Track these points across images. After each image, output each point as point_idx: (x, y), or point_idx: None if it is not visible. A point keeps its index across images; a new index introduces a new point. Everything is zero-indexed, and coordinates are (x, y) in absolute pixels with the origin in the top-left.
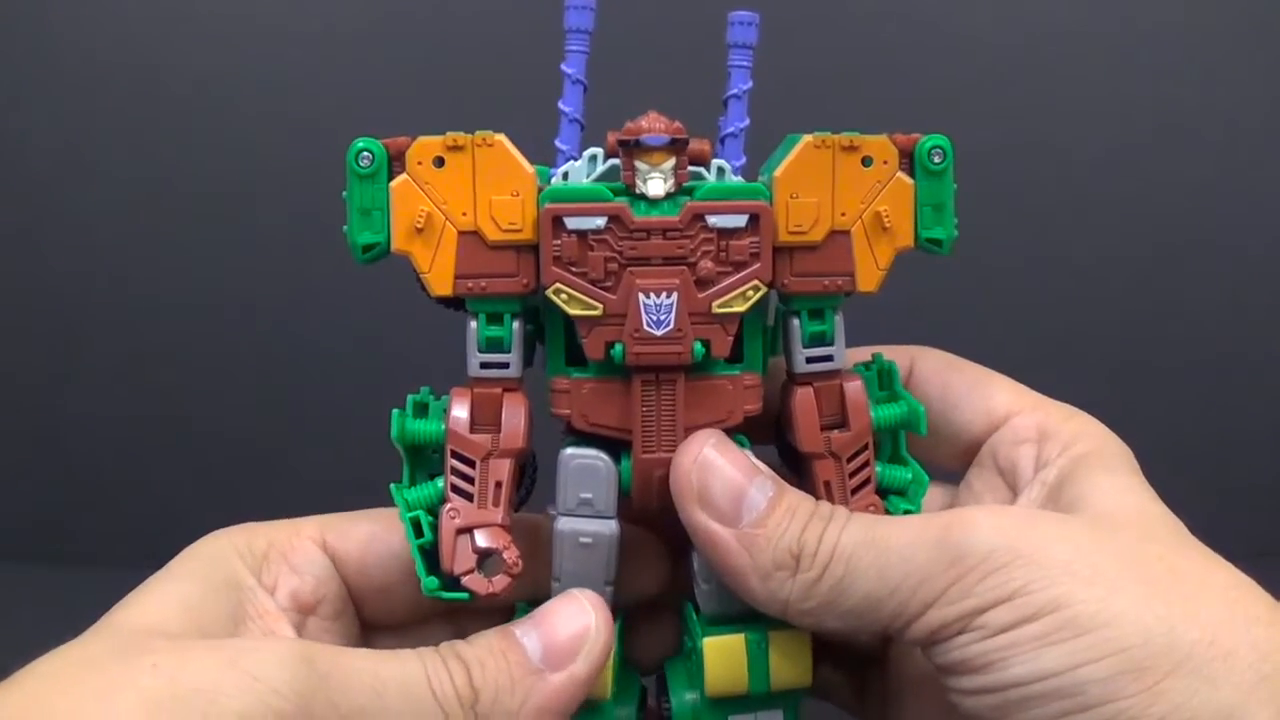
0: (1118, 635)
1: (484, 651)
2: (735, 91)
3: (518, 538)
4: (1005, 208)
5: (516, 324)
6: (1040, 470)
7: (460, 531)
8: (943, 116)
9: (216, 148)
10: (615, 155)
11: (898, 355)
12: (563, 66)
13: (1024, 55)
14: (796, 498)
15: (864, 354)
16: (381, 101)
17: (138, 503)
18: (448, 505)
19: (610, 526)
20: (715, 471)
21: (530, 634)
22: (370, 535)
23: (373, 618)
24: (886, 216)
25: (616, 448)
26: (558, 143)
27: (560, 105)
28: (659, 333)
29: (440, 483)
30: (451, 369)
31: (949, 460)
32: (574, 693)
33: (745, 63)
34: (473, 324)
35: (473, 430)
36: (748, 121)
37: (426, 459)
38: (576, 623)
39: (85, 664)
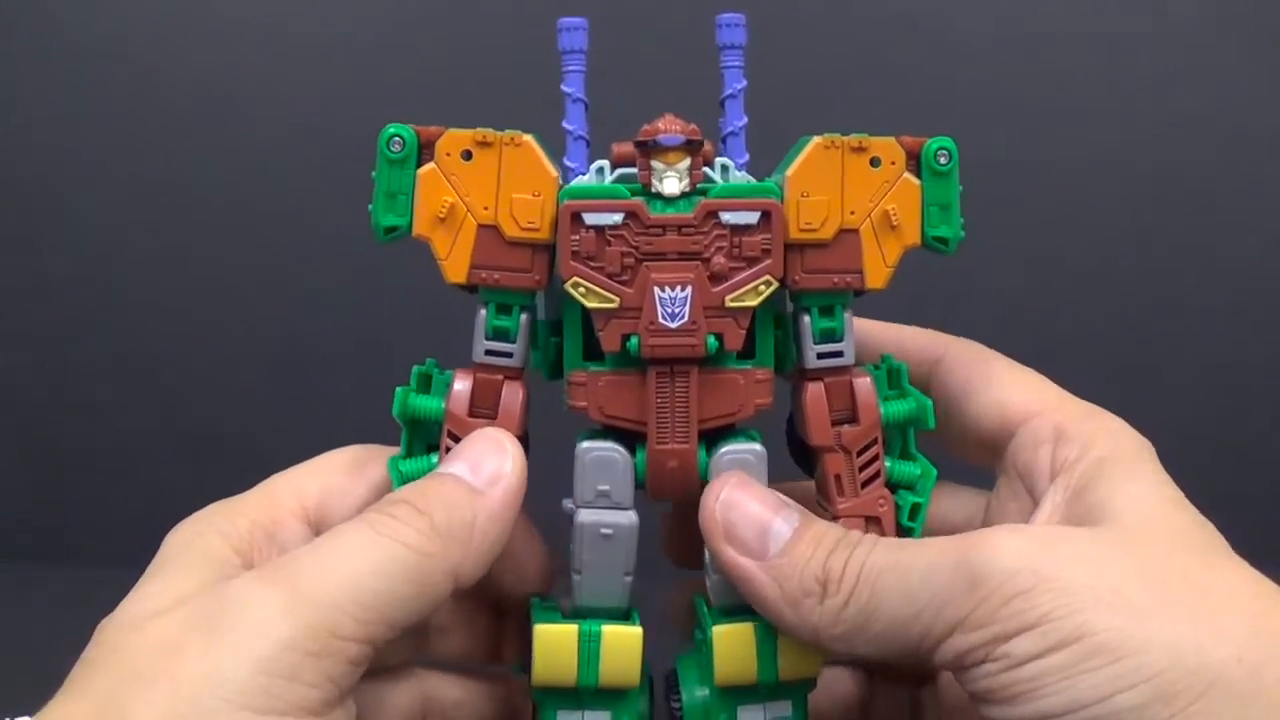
0: (1147, 662)
1: (420, 487)
2: (731, 91)
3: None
4: (1007, 207)
5: (524, 316)
6: (1058, 475)
7: None
8: (943, 116)
9: (217, 148)
10: (621, 165)
11: (932, 341)
12: (563, 87)
13: (1023, 55)
14: (823, 527)
15: (902, 334)
16: (384, 106)
17: (137, 503)
18: None
19: (630, 517)
20: (738, 508)
21: (455, 464)
22: (360, 503)
23: None
24: (894, 215)
25: (631, 440)
26: (566, 161)
27: (565, 125)
28: (673, 325)
29: (435, 459)
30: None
31: (962, 453)
32: (516, 500)
33: (737, 63)
34: (482, 312)
35: (471, 413)
36: (746, 119)
37: (426, 430)
38: (495, 444)
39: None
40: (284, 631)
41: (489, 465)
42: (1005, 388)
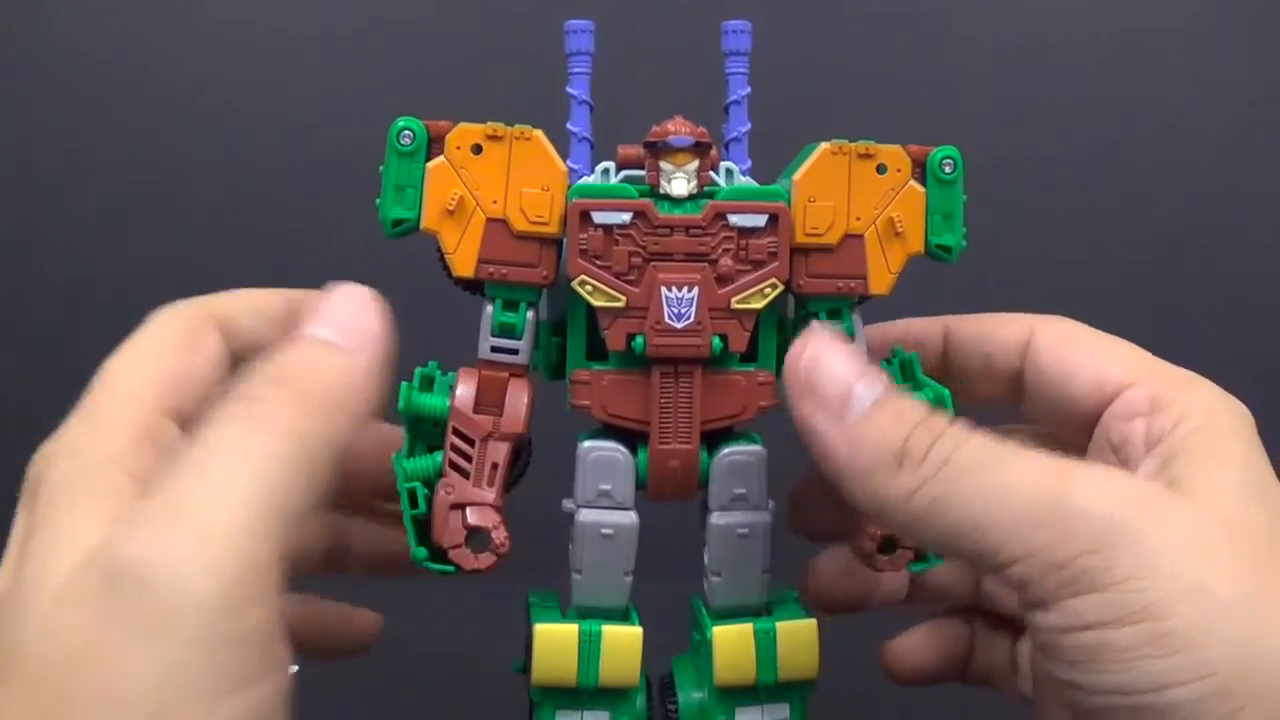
0: (1211, 658)
1: (288, 359)
2: (735, 97)
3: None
4: (1009, 209)
5: (531, 313)
6: (1153, 446)
7: (453, 507)
8: (947, 123)
9: (218, 146)
10: (626, 167)
11: (1016, 324)
12: (568, 89)
13: (1028, 60)
14: (908, 402)
15: (980, 322)
16: (388, 106)
17: None
18: (444, 480)
19: (630, 517)
20: (825, 362)
21: (320, 327)
22: (213, 381)
23: None
24: (899, 222)
25: (633, 440)
26: (570, 163)
27: (569, 126)
28: (679, 325)
29: (439, 457)
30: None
31: (1069, 434)
32: (388, 355)
33: (742, 69)
34: (489, 308)
35: (476, 410)
36: (749, 125)
37: (428, 431)
38: (359, 300)
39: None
40: (205, 595)
41: (356, 323)
42: (1102, 362)
